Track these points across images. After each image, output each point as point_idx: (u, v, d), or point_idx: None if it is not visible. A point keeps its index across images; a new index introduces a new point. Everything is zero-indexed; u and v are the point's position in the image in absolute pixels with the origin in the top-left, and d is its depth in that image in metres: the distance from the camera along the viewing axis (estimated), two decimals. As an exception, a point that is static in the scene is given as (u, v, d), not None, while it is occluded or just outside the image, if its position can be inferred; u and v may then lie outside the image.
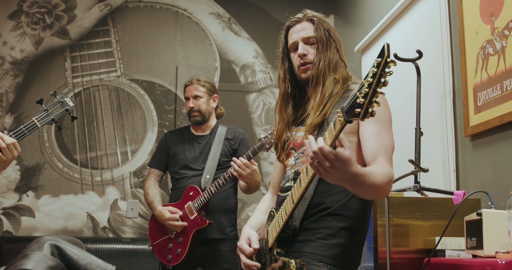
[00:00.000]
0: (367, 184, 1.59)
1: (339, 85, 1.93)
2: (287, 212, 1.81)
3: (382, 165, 1.74)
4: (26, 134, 2.42)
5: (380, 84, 1.32)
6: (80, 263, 1.10)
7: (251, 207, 4.60)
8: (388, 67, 1.32)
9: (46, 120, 2.52)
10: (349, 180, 1.54)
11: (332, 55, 1.96)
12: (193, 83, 3.41)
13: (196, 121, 3.38)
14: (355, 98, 1.37)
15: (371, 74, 1.33)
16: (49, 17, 4.60)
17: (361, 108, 1.35)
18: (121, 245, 4.10)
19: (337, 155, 1.46)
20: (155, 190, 3.38)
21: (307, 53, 1.98)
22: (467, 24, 2.67)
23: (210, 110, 3.42)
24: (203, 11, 4.83)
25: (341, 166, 1.48)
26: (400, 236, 2.23)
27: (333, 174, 1.51)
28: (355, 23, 4.38)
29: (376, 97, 1.33)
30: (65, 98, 2.59)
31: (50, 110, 2.54)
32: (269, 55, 4.83)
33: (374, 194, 1.72)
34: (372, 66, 1.34)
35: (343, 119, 1.43)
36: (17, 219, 4.28)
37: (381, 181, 1.66)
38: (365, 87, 1.34)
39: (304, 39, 2.00)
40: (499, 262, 1.68)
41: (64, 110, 2.58)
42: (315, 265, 1.79)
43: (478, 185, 2.54)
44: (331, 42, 1.98)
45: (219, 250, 3.20)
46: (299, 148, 1.98)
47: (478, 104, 2.55)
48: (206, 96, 3.39)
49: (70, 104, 2.60)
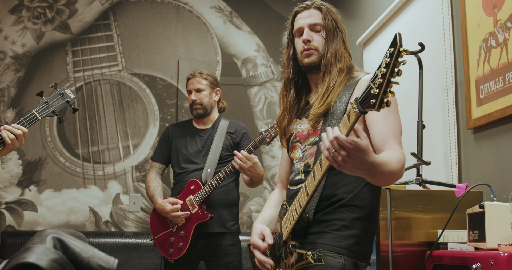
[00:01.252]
0: (385, 172, 1.58)
1: (342, 75, 1.93)
2: (301, 205, 1.81)
3: (394, 149, 1.74)
4: (26, 127, 2.41)
5: (394, 74, 1.32)
6: (82, 256, 1.10)
7: (253, 201, 4.61)
8: (401, 56, 1.31)
9: (46, 112, 2.50)
10: (367, 170, 1.53)
11: (338, 45, 1.97)
12: (195, 76, 3.40)
13: (198, 114, 3.37)
14: (369, 89, 1.36)
15: (384, 64, 1.32)
16: (50, 11, 4.59)
17: (376, 99, 1.34)
18: (123, 239, 4.10)
19: (354, 144, 1.45)
20: (156, 183, 3.38)
21: (311, 39, 1.98)
22: (470, 16, 2.66)
23: (212, 103, 3.41)
24: (204, 4, 4.82)
25: (358, 155, 1.47)
26: (402, 229, 2.23)
27: (350, 164, 1.49)
28: (357, 16, 4.37)
29: (391, 87, 1.33)
30: (65, 90, 2.58)
31: (50, 102, 2.52)
32: (270, 49, 4.82)
33: (391, 180, 1.71)
34: (384, 56, 1.33)
35: (358, 110, 1.43)
36: (19, 214, 4.29)
37: (398, 167, 1.66)
38: (379, 77, 1.33)
39: (310, 26, 1.99)
40: (502, 255, 1.68)
41: (65, 102, 2.57)
42: (330, 256, 1.80)
43: (480, 177, 2.54)
44: (338, 32, 1.99)
45: (220, 244, 3.20)
46: (304, 141, 1.98)
47: (480, 96, 2.54)
48: (208, 89, 3.38)
49: (71, 96, 2.58)
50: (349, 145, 1.45)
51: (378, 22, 3.70)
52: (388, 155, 1.68)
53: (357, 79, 1.92)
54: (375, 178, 1.61)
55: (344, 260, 1.80)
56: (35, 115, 2.46)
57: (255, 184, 3.29)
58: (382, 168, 1.55)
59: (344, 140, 1.44)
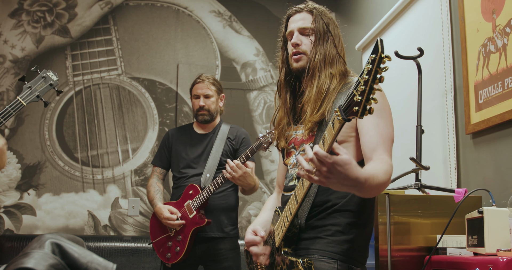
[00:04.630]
0: (372, 186, 1.58)
1: (335, 80, 1.91)
2: (291, 212, 1.80)
3: (381, 159, 1.73)
4: (12, 114, 2.36)
5: (376, 81, 1.32)
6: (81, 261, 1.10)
7: (252, 205, 4.60)
8: (383, 62, 1.31)
9: (30, 97, 2.45)
10: (353, 186, 1.51)
11: (328, 49, 1.95)
12: (204, 81, 3.36)
13: (204, 120, 3.35)
14: (352, 96, 1.36)
15: (367, 71, 1.32)
16: (49, 15, 4.59)
17: (358, 106, 1.34)
18: (122, 243, 4.10)
19: (332, 159, 1.43)
20: (156, 187, 3.38)
21: (300, 43, 1.98)
22: (468, 22, 2.66)
23: (218, 110, 3.40)
24: (203, 9, 4.83)
25: (339, 170, 1.45)
26: (401, 234, 2.23)
27: (334, 179, 1.47)
28: (356, 20, 4.38)
29: (373, 93, 1.32)
30: (47, 73, 2.52)
31: (33, 86, 2.47)
32: (270, 53, 4.83)
33: (377, 192, 1.71)
34: (366, 63, 1.33)
35: (341, 118, 1.42)
36: (18, 218, 4.29)
37: (385, 179, 1.66)
38: (361, 84, 1.33)
39: (300, 29, 2.00)
40: (501, 260, 1.68)
41: (48, 85, 2.51)
42: (325, 261, 1.80)
43: (479, 183, 2.54)
44: (328, 36, 1.97)
45: (219, 248, 3.20)
46: (299, 147, 1.98)
47: (479, 101, 2.54)
48: (216, 95, 3.36)
49: (53, 78, 2.53)
50: (328, 159, 1.43)
51: (377, 27, 3.71)
52: (374, 168, 1.66)
53: (351, 84, 1.90)
54: (362, 193, 1.60)
55: (338, 265, 1.79)
56: (20, 102, 2.40)
57: (247, 193, 3.30)
58: (369, 182, 1.54)
59: (323, 155, 1.43)
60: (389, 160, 1.76)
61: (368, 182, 1.53)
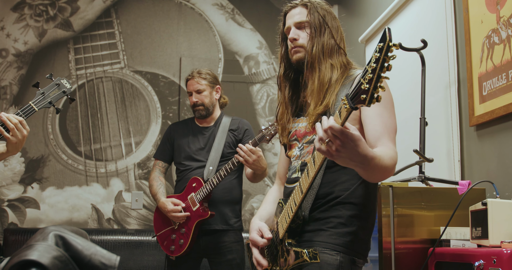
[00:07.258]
0: (378, 167, 1.59)
1: (336, 71, 1.91)
2: (296, 203, 1.81)
3: (387, 146, 1.74)
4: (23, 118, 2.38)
5: (384, 69, 1.32)
6: (84, 253, 1.09)
7: (255, 198, 4.61)
8: (390, 51, 1.31)
9: (43, 103, 2.47)
10: (360, 162, 1.53)
11: (326, 41, 1.95)
12: (194, 77, 3.37)
13: (200, 115, 3.36)
14: (359, 84, 1.36)
15: (374, 60, 1.32)
16: (52, 9, 4.59)
17: (366, 94, 1.34)
18: (126, 236, 4.11)
19: (348, 133, 1.45)
20: (159, 181, 3.39)
21: (297, 37, 1.99)
22: (472, 13, 2.65)
23: (214, 102, 3.40)
24: (206, 2, 4.81)
25: (351, 145, 1.47)
26: (404, 226, 2.23)
27: (344, 153, 1.49)
28: (359, 13, 4.36)
29: (381, 82, 1.33)
30: (61, 80, 2.54)
31: (46, 93, 2.48)
32: (272, 46, 4.81)
33: (382, 176, 1.71)
34: (374, 51, 1.33)
35: (348, 106, 1.42)
36: (22, 211, 4.30)
37: (390, 164, 1.67)
38: (369, 72, 1.33)
39: (296, 24, 2.01)
40: (505, 252, 1.67)
41: (61, 92, 2.52)
42: (327, 253, 1.80)
43: (483, 175, 2.53)
44: (325, 28, 1.97)
45: (223, 241, 3.20)
46: (302, 139, 1.98)
47: (483, 93, 2.53)
48: (208, 88, 3.36)
49: (67, 86, 2.55)
50: (343, 133, 1.45)
51: (380, 19, 3.69)
52: (381, 150, 1.68)
53: (354, 76, 1.90)
54: (368, 172, 1.61)
55: (341, 257, 1.80)
56: (32, 107, 2.42)
57: (258, 178, 3.27)
58: (375, 161, 1.56)
59: (338, 129, 1.44)
60: (394, 148, 1.77)
61: (374, 162, 1.55)
